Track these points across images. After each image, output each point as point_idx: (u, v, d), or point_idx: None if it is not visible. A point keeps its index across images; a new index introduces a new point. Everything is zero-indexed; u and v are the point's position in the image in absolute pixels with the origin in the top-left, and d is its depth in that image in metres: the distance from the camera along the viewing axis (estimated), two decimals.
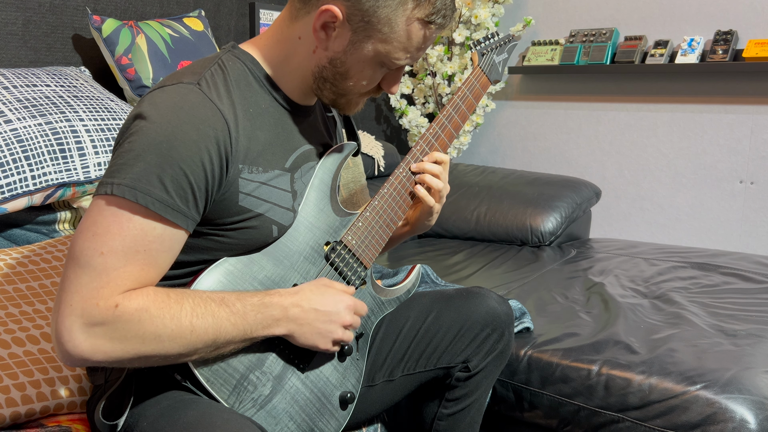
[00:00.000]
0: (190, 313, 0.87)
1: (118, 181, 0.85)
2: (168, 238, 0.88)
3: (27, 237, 1.50)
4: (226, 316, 0.90)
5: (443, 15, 0.95)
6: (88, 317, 0.83)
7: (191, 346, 0.88)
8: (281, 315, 0.94)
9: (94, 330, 0.83)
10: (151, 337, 0.85)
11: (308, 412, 1.02)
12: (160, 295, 0.87)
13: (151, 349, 0.86)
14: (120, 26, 1.85)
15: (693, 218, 2.76)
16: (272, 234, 0.99)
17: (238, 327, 0.90)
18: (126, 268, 0.85)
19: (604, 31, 2.81)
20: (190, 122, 0.88)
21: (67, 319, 0.83)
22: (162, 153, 0.85)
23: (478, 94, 1.22)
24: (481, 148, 3.28)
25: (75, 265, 0.84)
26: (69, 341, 0.83)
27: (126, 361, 0.86)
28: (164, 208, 0.86)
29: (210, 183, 0.90)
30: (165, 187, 0.86)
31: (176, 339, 0.86)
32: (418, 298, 1.26)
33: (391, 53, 0.96)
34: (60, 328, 0.83)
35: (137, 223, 0.85)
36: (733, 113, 2.63)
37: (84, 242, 0.85)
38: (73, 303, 0.83)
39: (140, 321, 0.85)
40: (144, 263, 0.87)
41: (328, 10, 0.92)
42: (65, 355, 0.85)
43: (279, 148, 1.00)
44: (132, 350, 0.85)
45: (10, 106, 1.41)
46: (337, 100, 1.03)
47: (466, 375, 1.23)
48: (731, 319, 1.65)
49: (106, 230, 0.85)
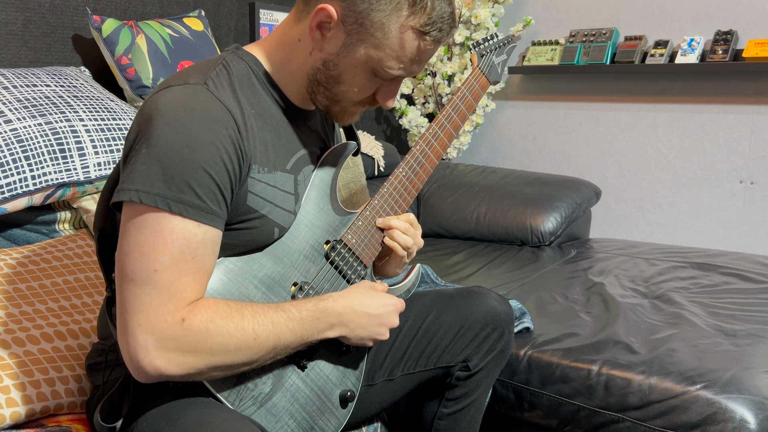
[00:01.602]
0: (251, 321, 0.90)
1: (146, 189, 0.85)
2: (210, 241, 0.90)
3: (27, 237, 1.50)
4: (285, 323, 0.92)
5: (439, 29, 0.94)
6: (159, 334, 0.85)
7: (255, 354, 0.90)
8: (336, 320, 0.98)
9: (166, 345, 0.85)
10: (219, 348, 0.87)
11: (308, 410, 1.02)
12: (221, 306, 0.89)
13: (219, 360, 0.88)
14: (120, 26, 1.85)
15: (693, 218, 2.76)
16: (273, 236, 0.99)
17: (295, 333, 0.93)
18: (182, 280, 0.87)
19: (604, 31, 2.81)
20: (204, 123, 0.88)
21: (140, 337, 0.85)
22: (184, 158, 0.86)
23: (478, 94, 1.22)
24: (481, 148, 3.28)
25: (132, 285, 0.86)
26: (145, 358, 0.85)
27: (198, 373, 0.88)
28: (199, 213, 0.87)
29: (233, 181, 0.91)
30: (195, 191, 0.86)
31: (241, 348, 0.89)
32: (418, 298, 1.26)
33: (383, 60, 0.95)
34: (134, 348, 0.85)
35: (179, 233, 0.86)
36: (733, 113, 2.63)
37: (134, 263, 0.86)
38: (142, 322, 0.85)
39: (208, 332, 0.87)
40: (195, 270, 0.88)
41: (324, 9, 0.93)
42: (142, 372, 0.86)
43: (281, 149, 1.00)
44: (203, 362, 0.87)
45: (10, 106, 1.41)
46: (331, 107, 1.02)
47: (466, 374, 1.23)
48: (731, 319, 1.65)
49: (152, 247, 0.86)
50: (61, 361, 1.18)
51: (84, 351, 1.23)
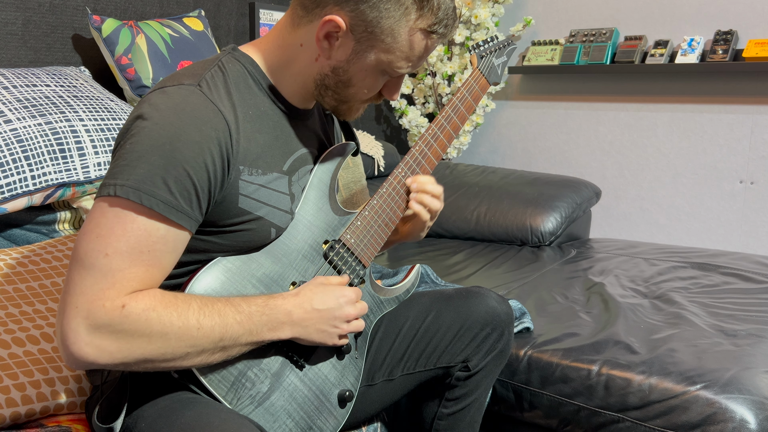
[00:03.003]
0: (197, 311, 0.87)
1: (122, 182, 0.85)
2: (172, 239, 0.88)
3: (27, 237, 1.50)
4: (233, 315, 0.90)
5: (445, 25, 0.96)
6: (94, 319, 0.82)
7: (198, 345, 0.87)
8: (286, 319, 0.95)
9: (100, 332, 0.83)
10: (158, 336, 0.85)
11: (306, 409, 1.02)
12: (167, 296, 0.87)
13: (157, 349, 0.85)
14: (120, 26, 1.85)
15: (693, 218, 2.76)
16: (270, 237, 0.99)
17: (243, 326, 0.91)
18: (131, 269, 0.85)
19: (604, 31, 2.81)
20: (192, 123, 0.88)
21: (73, 321, 0.83)
22: (165, 154, 0.86)
23: (477, 95, 1.22)
24: (481, 148, 3.28)
25: (79, 266, 0.84)
26: (74, 343, 0.82)
27: (131, 363, 0.86)
28: (168, 210, 0.86)
29: (212, 184, 0.90)
30: (169, 188, 0.86)
31: (183, 337, 0.86)
32: (417, 298, 1.26)
33: (394, 62, 0.97)
34: (65, 330, 0.83)
35: (141, 224, 0.85)
36: (733, 113, 2.63)
37: (88, 244, 0.84)
38: (79, 305, 0.83)
39: (148, 320, 0.84)
40: (148, 264, 0.86)
41: (332, 20, 0.93)
42: (70, 357, 0.84)
43: (277, 150, 1.00)
44: (138, 351, 0.85)
45: (10, 106, 1.41)
46: (339, 107, 1.03)
47: (465, 374, 1.23)
48: (731, 319, 1.65)
49: (110, 231, 0.84)
50: (61, 361, 1.18)
51: None
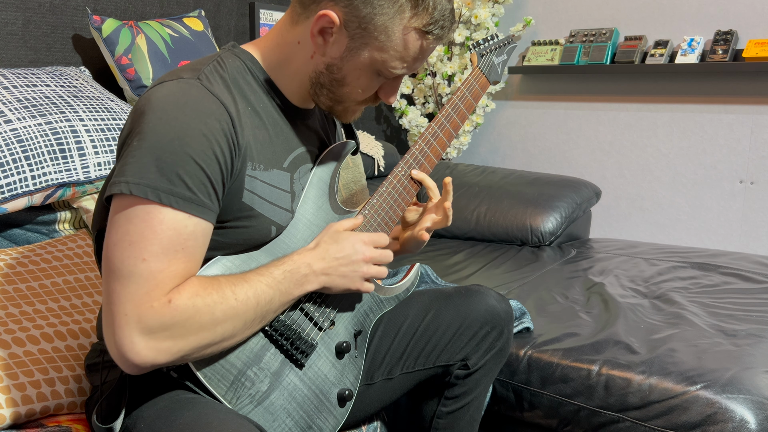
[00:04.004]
0: (229, 286, 0.90)
1: (136, 181, 0.85)
2: (200, 233, 0.89)
3: (27, 237, 1.50)
4: (260, 280, 0.93)
5: (441, 26, 0.95)
6: (146, 322, 0.84)
7: (240, 317, 0.90)
8: (308, 271, 0.97)
9: (154, 333, 0.84)
10: (208, 319, 0.87)
11: (306, 409, 1.02)
12: (201, 280, 0.89)
13: (208, 333, 0.88)
14: (120, 26, 1.85)
15: (693, 218, 2.76)
16: (270, 234, 0.99)
17: (273, 288, 0.93)
18: (170, 268, 0.86)
19: (604, 31, 2.81)
20: (196, 116, 0.88)
21: (126, 328, 0.84)
22: (175, 150, 0.86)
23: (477, 94, 1.22)
24: (481, 148, 3.28)
25: (118, 276, 0.85)
26: (131, 350, 0.84)
27: (189, 353, 0.88)
28: (189, 205, 0.87)
29: (224, 174, 0.91)
30: (185, 183, 0.86)
31: (228, 313, 0.88)
32: (417, 297, 1.26)
33: (388, 62, 0.96)
34: (120, 340, 0.84)
35: (169, 224, 0.86)
36: (733, 113, 2.63)
37: (122, 253, 0.85)
38: (128, 312, 0.84)
39: (195, 306, 0.86)
40: (185, 260, 0.88)
41: (326, 15, 0.93)
42: (130, 365, 0.85)
43: (278, 147, 1.00)
44: (193, 340, 0.87)
45: (10, 106, 1.41)
46: (334, 107, 1.03)
47: (465, 373, 1.23)
48: (731, 319, 1.65)
49: (141, 237, 0.85)
50: (61, 361, 1.18)
51: (84, 351, 1.23)
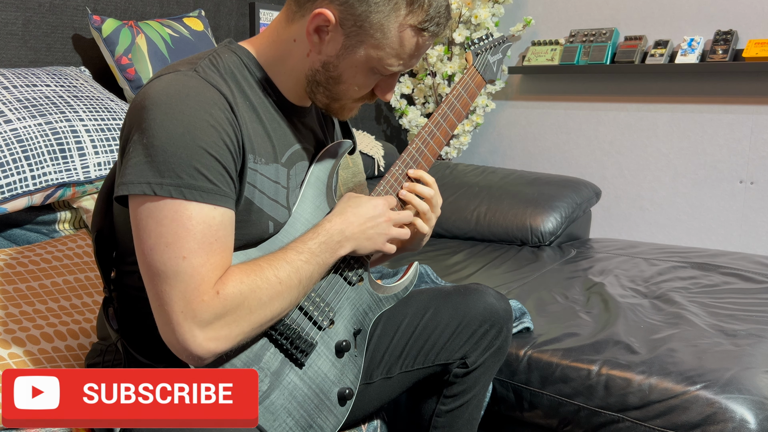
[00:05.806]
0: (270, 268, 0.93)
1: (158, 181, 0.86)
2: (228, 222, 0.91)
3: (27, 237, 1.50)
4: (297, 257, 0.96)
5: (437, 23, 0.96)
6: (201, 316, 0.86)
7: (285, 296, 0.94)
8: (341, 237, 1.01)
9: (211, 324, 0.87)
10: (256, 304, 0.91)
11: (306, 408, 1.02)
12: (242, 267, 0.92)
13: (260, 316, 0.92)
14: (120, 26, 1.85)
15: (693, 218, 2.76)
16: (268, 230, 1.00)
17: (311, 263, 0.97)
18: (210, 261, 0.88)
19: (604, 31, 2.81)
20: (200, 107, 0.89)
21: (185, 325, 0.86)
22: (187, 144, 0.87)
23: (473, 93, 1.23)
24: (481, 148, 3.28)
25: (164, 278, 0.87)
26: (194, 344, 0.87)
27: (248, 336, 0.92)
28: (213, 197, 0.88)
29: (236, 162, 0.92)
30: (204, 176, 0.87)
31: (273, 295, 0.92)
32: (415, 295, 1.26)
33: (384, 59, 0.96)
34: (182, 337, 0.86)
35: (199, 219, 0.87)
36: (733, 113, 2.63)
37: (161, 255, 0.87)
38: (183, 309, 0.86)
39: (242, 293, 0.89)
40: (221, 250, 0.90)
41: (321, 13, 0.93)
42: (196, 359, 0.88)
43: (275, 142, 1.01)
44: (246, 324, 0.91)
45: (10, 106, 1.41)
46: (331, 105, 1.03)
47: (464, 371, 1.22)
48: (731, 319, 1.65)
49: (175, 237, 0.86)
50: (61, 361, 1.18)
51: (84, 351, 1.23)
